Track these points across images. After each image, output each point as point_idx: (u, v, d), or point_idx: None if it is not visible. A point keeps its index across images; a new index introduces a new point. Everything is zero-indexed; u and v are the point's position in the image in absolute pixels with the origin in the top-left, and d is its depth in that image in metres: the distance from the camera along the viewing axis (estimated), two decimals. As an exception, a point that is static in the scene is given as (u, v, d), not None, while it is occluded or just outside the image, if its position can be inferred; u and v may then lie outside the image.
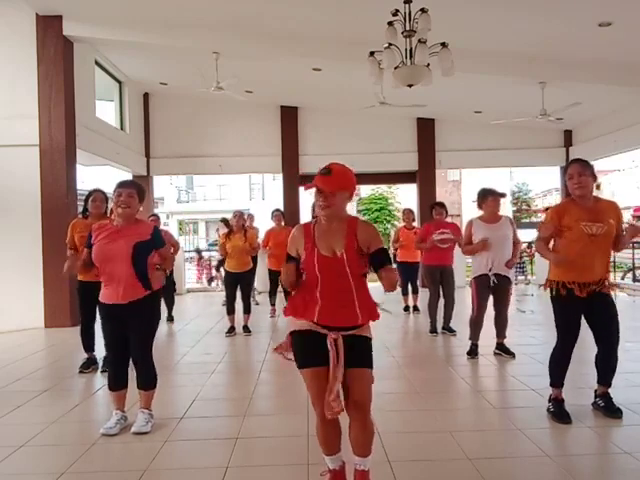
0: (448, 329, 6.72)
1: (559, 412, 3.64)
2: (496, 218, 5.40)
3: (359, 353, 2.55)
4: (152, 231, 3.65)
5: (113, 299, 3.55)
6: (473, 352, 5.47)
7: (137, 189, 3.65)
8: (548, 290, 3.74)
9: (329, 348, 2.48)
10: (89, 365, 5.24)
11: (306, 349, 2.54)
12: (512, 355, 5.39)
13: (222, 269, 10.85)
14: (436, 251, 6.69)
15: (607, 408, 3.68)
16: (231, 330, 7.04)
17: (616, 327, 3.63)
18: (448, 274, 6.77)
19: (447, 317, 6.78)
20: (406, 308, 8.80)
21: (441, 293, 6.83)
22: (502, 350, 5.46)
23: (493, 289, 5.34)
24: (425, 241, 6.79)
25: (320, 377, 2.49)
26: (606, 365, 3.69)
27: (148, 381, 3.68)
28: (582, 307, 3.61)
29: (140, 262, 3.55)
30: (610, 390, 3.74)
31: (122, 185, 3.63)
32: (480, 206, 5.49)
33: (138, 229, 3.63)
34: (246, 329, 7.12)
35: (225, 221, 11.93)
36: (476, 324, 5.47)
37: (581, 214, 3.55)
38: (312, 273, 2.52)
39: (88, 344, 5.27)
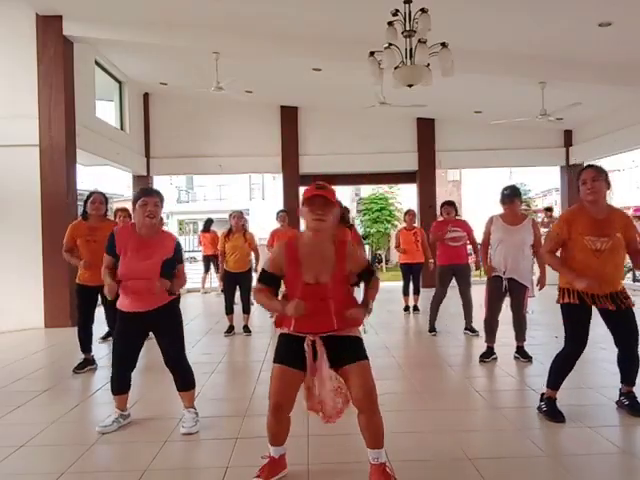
0: (470, 329, 6.59)
1: (552, 411, 3.63)
2: (517, 220, 5.21)
3: (349, 350, 2.63)
4: (175, 246, 3.58)
5: (136, 307, 3.50)
6: (485, 355, 5.29)
7: (161, 198, 3.58)
8: (557, 296, 3.69)
9: (305, 349, 2.58)
10: (85, 366, 5.23)
11: (284, 348, 2.67)
12: (529, 360, 5.19)
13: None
14: (449, 250, 6.63)
15: (632, 406, 3.66)
16: (230, 330, 7.04)
17: (635, 328, 3.58)
18: (462, 273, 6.65)
19: (467, 318, 6.66)
20: (406, 308, 8.79)
21: (447, 293, 6.75)
22: (520, 354, 5.27)
23: (509, 292, 5.19)
24: (438, 236, 6.72)
25: (286, 376, 2.62)
26: (628, 365, 3.66)
27: (189, 382, 3.70)
28: (589, 317, 3.57)
29: (165, 275, 3.51)
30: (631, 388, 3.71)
31: (147, 194, 3.54)
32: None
33: (163, 243, 3.55)
34: (246, 329, 7.12)
35: (209, 222, 11.88)
36: (488, 325, 5.32)
37: (586, 227, 3.47)
38: (293, 296, 2.60)
39: (86, 346, 5.26)
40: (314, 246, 2.61)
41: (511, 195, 5.22)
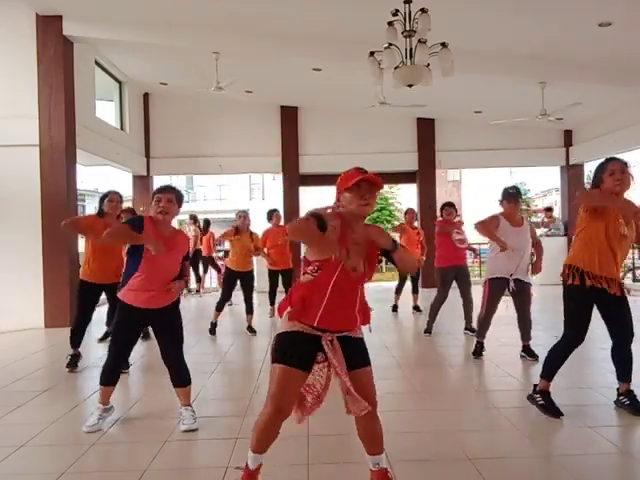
0: (470, 329, 6.57)
1: (550, 405, 3.63)
2: (519, 221, 5.30)
3: (357, 354, 2.56)
4: (188, 243, 3.74)
5: (151, 304, 3.54)
6: (478, 352, 5.36)
7: (176, 195, 3.61)
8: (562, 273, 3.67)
9: (326, 349, 2.45)
10: (76, 361, 5.30)
11: (291, 348, 2.46)
12: (535, 358, 5.19)
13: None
14: (451, 252, 6.61)
15: (633, 406, 3.64)
16: (213, 327, 7.05)
17: (629, 321, 3.59)
18: (463, 274, 6.68)
19: (467, 318, 6.66)
20: (394, 308, 8.71)
21: (449, 295, 6.74)
22: (526, 353, 5.31)
23: (513, 293, 5.23)
24: (448, 229, 6.67)
25: (293, 378, 2.44)
26: (621, 360, 3.65)
27: (185, 378, 3.74)
28: (594, 304, 3.58)
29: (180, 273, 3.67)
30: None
31: (161, 190, 3.59)
32: (501, 203, 5.37)
33: (179, 240, 3.68)
34: (251, 329, 7.09)
35: (207, 224, 11.90)
36: (484, 323, 5.37)
37: (618, 212, 3.44)
38: (326, 280, 2.43)
39: (77, 341, 5.32)
40: (354, 228, 2.46)
41: (516, 195, 5.31)
